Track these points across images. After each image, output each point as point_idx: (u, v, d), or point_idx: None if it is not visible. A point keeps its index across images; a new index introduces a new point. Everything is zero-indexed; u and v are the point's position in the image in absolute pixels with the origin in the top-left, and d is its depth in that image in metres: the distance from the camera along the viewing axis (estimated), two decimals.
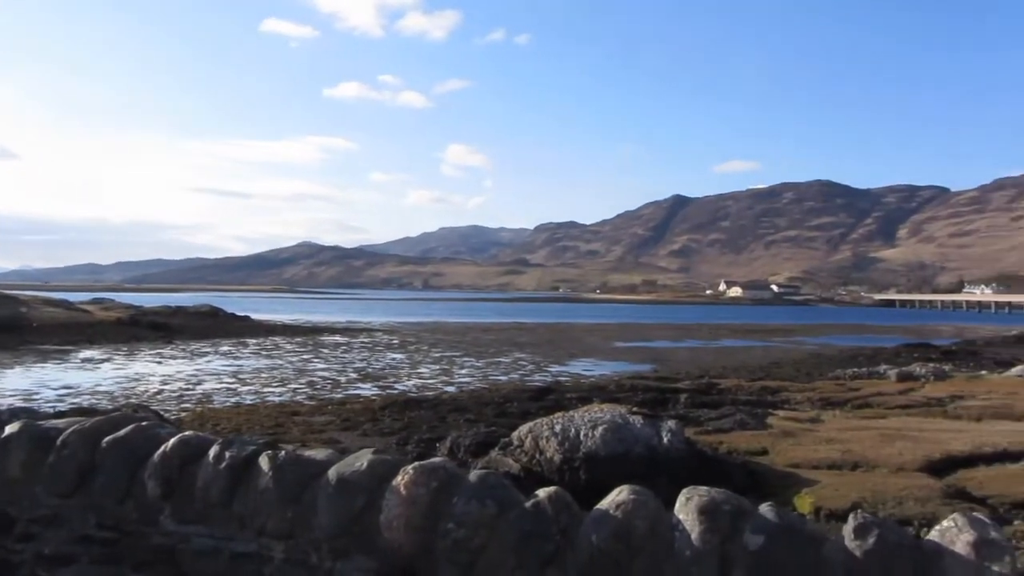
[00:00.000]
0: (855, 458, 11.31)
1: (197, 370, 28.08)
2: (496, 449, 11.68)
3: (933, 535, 3.19)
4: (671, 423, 11.51)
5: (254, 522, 4.03)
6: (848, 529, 3.21)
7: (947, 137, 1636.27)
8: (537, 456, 10.90)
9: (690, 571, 3.22)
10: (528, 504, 3.51)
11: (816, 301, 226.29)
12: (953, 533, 3.10)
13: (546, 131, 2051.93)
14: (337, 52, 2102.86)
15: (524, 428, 11.60)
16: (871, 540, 3.11)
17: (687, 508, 3.37)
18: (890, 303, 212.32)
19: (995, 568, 2.95)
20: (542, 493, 3.56)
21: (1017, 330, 63.33)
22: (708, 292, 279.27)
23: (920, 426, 14.44)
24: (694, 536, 3.27)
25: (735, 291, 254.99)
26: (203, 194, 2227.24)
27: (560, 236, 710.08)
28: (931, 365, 27.22)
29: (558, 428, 11.05)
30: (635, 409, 12.69)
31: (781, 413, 16.47)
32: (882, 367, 28.76)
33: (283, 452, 4.20)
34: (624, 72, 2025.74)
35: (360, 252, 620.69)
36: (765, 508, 3.35)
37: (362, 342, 44.20)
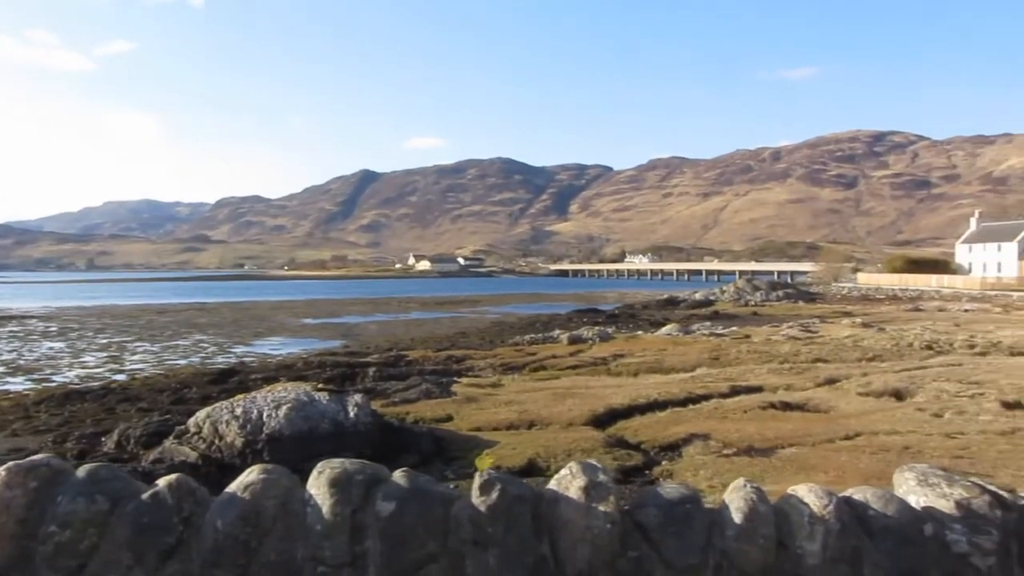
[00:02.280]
0: (531, 417, 12.08)
1: None
2: (171, 438, 10.99)
3: (552, 484, 3.41)
4: (358, 397, 11.52)
5: None
6: (474, 487, 3.33)
7: (611, 121, 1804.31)
8: (217, 442, 10.42)
9: (322, 545, 3.15)
10: (146, 495, 3.22)
11: (499, 272, 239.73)
12: (568, 480, 3.34)
13: (225, 100, 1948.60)
14: None
15: (202, 413, 11.06)
16: (494, 495, 3.24)
17: (319, 482, 3.29)
18: (564, 273, 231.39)
19: (600, 508, 3.22)
20: (162, 482, 3.29)
21: (667, 294, 71.88)
22: (398, 266, 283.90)
23: (587, 384, 15.81)
24: (325, 510, 3.20)
25: (424, 264, 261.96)
26: None
27: (244, 211, 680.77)
28: (597, 328, 29.92)
29: (239, 411, 10.65)
30: (321, 385, 12.54)
31: (465, 380, 17.14)
32: (556, 332, 31.08)
33: None
34: (306, 43, 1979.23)
35: (7, 229, 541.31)
36: (399, 475, 3.35)
37: (11, 331, 39.02)
